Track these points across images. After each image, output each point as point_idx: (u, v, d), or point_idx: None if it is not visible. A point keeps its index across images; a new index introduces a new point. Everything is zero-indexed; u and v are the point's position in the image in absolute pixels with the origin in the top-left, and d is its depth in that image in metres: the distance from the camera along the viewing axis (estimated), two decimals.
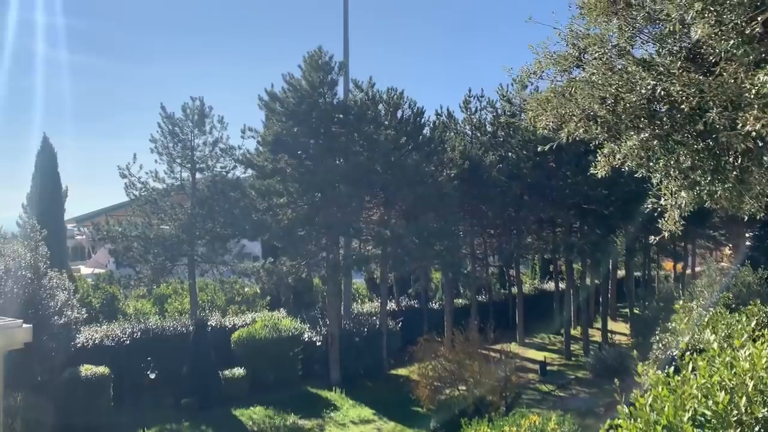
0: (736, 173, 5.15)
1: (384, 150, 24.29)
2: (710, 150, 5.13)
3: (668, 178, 5.77)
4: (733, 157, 5.10)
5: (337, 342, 26.46)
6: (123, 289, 27.12)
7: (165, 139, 26.43)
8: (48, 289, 16.75)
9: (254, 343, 25.36)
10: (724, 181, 5.30)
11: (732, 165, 5.13)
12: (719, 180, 5.31)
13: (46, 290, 16.62)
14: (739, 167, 5.08)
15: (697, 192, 5.65)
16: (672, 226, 6.39)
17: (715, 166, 5.22)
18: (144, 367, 21.73)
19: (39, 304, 16.16)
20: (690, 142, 5.15)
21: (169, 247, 24.76)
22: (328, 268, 23.18)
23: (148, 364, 19.60)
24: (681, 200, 5.86)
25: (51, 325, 16.27)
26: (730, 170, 5.16)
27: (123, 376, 21.82)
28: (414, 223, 24.66)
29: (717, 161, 5.21)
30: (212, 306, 29.92)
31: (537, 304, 43.30)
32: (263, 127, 25.40)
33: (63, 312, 16.85)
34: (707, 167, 5.25)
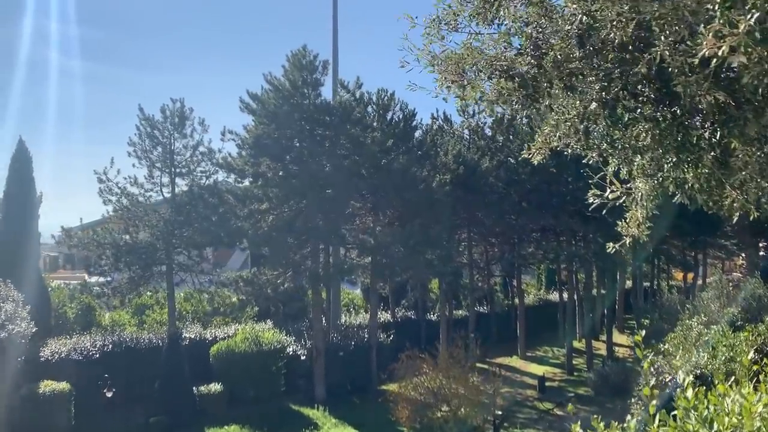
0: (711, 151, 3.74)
1: (370, 153, 22.95)
2: (673, 117, 3.73)
3: (622, 162, 4.38)
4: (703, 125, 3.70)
5: (322, 356, 25.05)
6: (97, 299, 25.86)
7: (143, 142, 25.26)
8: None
9: (233, 357, 24.02)
10: (695, 163, 3.90)
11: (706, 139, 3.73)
12: (688, 162, 3.91)
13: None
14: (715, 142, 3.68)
15: (658, 180, 4.25)
16: (635, 230, 4.99)
17: (681, 142, 3.81)
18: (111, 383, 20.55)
19: None
20: (644, 105, 3.76)
21: (143, 255, 23.51)
22: (309, 277, 21.82)
23: (105, 381, 18.29)
24: (638, 193, 4.47)
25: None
26: (703, 147, 3.76)
27: (89, 392, 20.56)
28: (402, 229, 23.25)
29: (684, 134, 3.80)
30: (196, 317, 28.62)
31: (541, 315, 41.70)
32: (244, 130, 24.16)
33: (5, 326, 15.62)
34: (670, 144, 3.85)
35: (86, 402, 20.32)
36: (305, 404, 24.77)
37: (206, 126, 25.71)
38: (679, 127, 3.75)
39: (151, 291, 26.26)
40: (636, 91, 3.69)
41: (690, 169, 4.00)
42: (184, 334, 25.34)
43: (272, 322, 29.50)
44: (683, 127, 3.76)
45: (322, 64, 24.26)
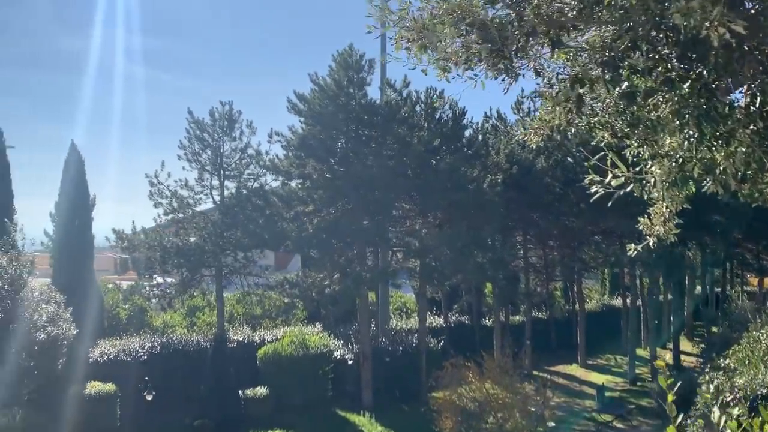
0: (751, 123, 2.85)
1: (416, 153, 22.25)
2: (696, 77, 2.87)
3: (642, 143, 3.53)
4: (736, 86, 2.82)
5: (369, 361, 24.48)
6: (147, 301, 26.18)
7: (193, 145, 25.45)
8: (28, 302, 15.67)
9: (280, 361, 23.74)
10: (725, 138, 3.03)
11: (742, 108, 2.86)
12: (717, 137, 3.05)
13: (25, 303, 15.54)
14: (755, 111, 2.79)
15: (676, 162, 3.38)
16: (660, 228, 4.14)
17: (706, 110, 2.95)
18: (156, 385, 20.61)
19: (17, 319, 15.08)
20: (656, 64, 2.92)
21: (191, 257, 23.59)
22: (354, 280, 21.28)
23: (146, 383, 18.26)
24: (651, 179, 3.62)
25: (31, 341, 15.17)
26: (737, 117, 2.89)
27: (135, 394, 20.67)
28: (450, 232, 22.42)
29: (709, 99, 2.93)
30: (246, 319, 28.60)
31: (603, 321, 39.90)
32: (289, 131, 23.90)
33: (45, 327, 15.74)
34: (691, 114, 3.00)
35: (132, 403, 20.43)
36: (352, 410, 24.24)
37: (254, 128, 25.73)
38: (702, 90, 2.93)
39: (201, 293, 26.37)
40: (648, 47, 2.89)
41: (720, 146, 3.16)
42: (233, 336, 25.29)
43: (321, 325, 29.18)
44: (708, 91, 2.93)
45: (369, 63, 23.75)
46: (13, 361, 14.70)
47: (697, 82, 2.90)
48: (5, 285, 15.09)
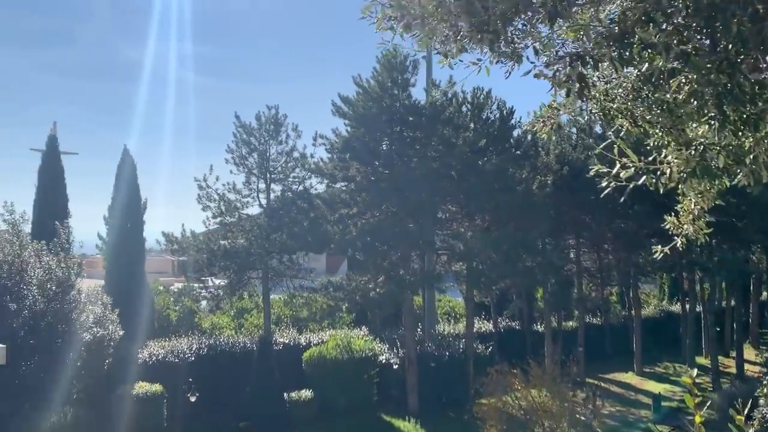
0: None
1: (461, 154, 21.84)
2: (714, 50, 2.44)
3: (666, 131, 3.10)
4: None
5: (414, 366, 24.15)
6: (195, 303, 26.58)
7: (240, 149, 25.70)
8: (75, 303, 16.02)
9: (324, 364, 23.68)
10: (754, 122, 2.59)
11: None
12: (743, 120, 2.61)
13: (73, 304, 15.89)
14: None
15: (696, 150, 2.94)
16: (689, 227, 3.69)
17: (729, 89, 2.52)
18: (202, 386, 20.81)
19: (65, 320, 15.43)
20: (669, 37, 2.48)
21: (237, 260, 23.79)
22: (396, 284, 21.02)
23: (190, 385, 18.43)
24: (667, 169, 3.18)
25: (77, 341, 15.50)
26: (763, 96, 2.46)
27: (183, 395, 20.93)
28: (495, 235, 21.89)
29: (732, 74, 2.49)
30: (294, 322, 28.69)
31: (661, 328, 38.44)
32: (333, 134, 23.85)
33: (91, 328, 16.06)
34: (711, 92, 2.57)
35: (179, 404, 20.69)
36: (397, 415, 23.95)
37: (299, 132, 25.76)
38: (723, 65, 2.52)
39: (248, 295, 26.59)
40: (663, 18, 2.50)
41: (747, 131, 2.73)
42: (278, 338, 25.39)
43: (368, 329, 29.02)
44: (731, 66, 2.52)
45: (413, 64, 23.49)
46: (61, 361, 15.04)
47: (717, 55, 2.51)
48: (53, 287, 15.48)
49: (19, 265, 15.18)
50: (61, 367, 14.97)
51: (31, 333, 14.55)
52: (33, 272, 15.29)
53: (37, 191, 23.74)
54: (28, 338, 14.45)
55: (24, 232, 16.01)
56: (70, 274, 16.13)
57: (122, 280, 24.78)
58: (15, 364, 14.13)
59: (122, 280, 24.78)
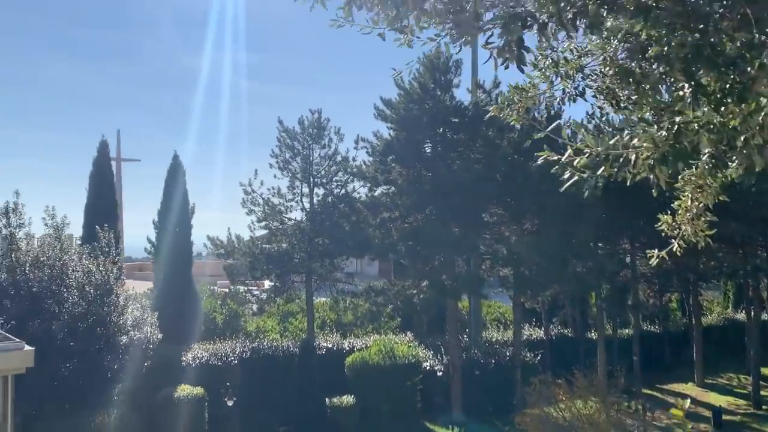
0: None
1: (505, 155, 21.20)
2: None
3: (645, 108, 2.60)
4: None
5: (459, 373, 23.60)
6: (239, 306, 26.76)
7: (284, 153, 25.78)
8: (114, 306, 16.23)
9: (366, 370, 23.37)
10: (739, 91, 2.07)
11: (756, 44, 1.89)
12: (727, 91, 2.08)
13: (111, 308, 16.11)
14: None
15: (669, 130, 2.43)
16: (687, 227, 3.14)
17: (698, 47, 1.98)
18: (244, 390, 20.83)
19: (104, 323, 15.64)
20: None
21: (281, 264, 23.82)
22: (436, 289, 20.54)
23: (227, 389, 18.42)
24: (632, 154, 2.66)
25: (114, 344, 15.68)
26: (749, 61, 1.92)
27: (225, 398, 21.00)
28: (541, 239, 21.11)
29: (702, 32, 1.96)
30: (339, 326, 28.54)
31: (725, 337, 36.44)
32: (374, 137, 23.59)
33: (129, 331, 16.24)
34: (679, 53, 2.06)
35: (221, 408, 20.76)
36: (441, 424, 23.43)
37: (342, 135, 25.69)
38: (692, 19, 2.02)
39: (292, 299, 26.59)
40: None
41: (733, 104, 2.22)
42: (321, 343, 25.26)
43: (413, 334, 28.59)
44: (701, 20, 2.02)
45: (455, 64, 23.01)
46: (99, 364, 15.25)
47: (684, 6, 2.02)
48: (92, 290, 15.74)
49: (59, 268, 15.51)
50: (100, 369, 15.18)
51: (70, 335, 14.81)
52: (73, 275, 15.60)
53: (88, 196, 24.39)
54: (67, 341, 14.71)
55: (65, 236, 16.37)
56: (109, 277, 16.39)
57: (170, 284, 25.21)
58: (54, 366, 14.42)
59: (170, 284, 25.21)
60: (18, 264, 15.18)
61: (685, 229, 3.57)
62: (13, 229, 15.76)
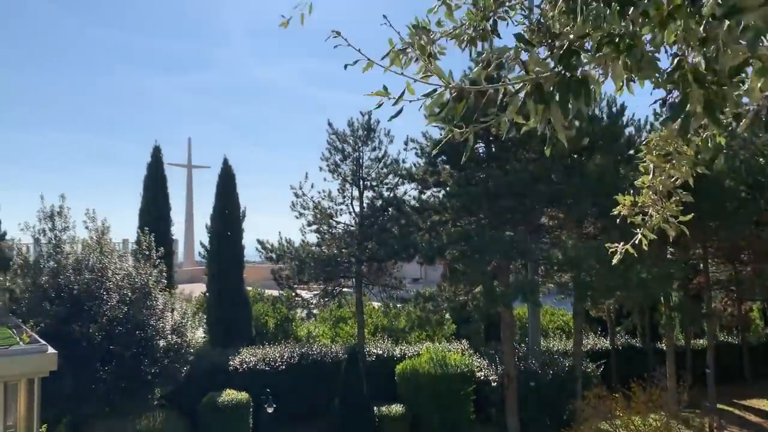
0: None
1: (560, 155, 20.02)
2: None
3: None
4: None
5: (514, 384, 22.46)
6: (291, 311, 26.52)
7: (333, 156, 25.41)
8: (152, 310, 16.13)
9: (417, 378, 22.61)
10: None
11: None
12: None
13: (150, 311, 16.02)
14: None
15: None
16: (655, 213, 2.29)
17: None
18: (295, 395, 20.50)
19: (142, 327, 15.55)
20: None
21: (329, 268, 23.39)
22: (485, 296, 19.55)
23: (267, 396, 18.05)
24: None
25: (152, 347, 15.56)
26: None
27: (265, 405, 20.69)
28: (600, 243, 19.74)
29: None
30: (391, 332, 27.90)
31: None
32: (423, 137, 22.84)
33: (167, 335, 16.10)
34: None
35: (267, 413, 20.45)
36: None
37: (392, 137, 25.07)
38: None
39: (342, 304, 26.16)
40: None
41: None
42: (371, 349, 24.68)
43: (468, 342, 27.62)
44: None
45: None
46: (137, 367, 15.18)
47: None
48: (130, 293, 15.71)
49: (99, 271, 15.56)
50: (138, 373, 15.10)
51: (108, 338, 14.79)
52: (114, 278, 15.63)
53: (142, 201, 24.73)
54: (105, 344, 14.71)
55: (106, 239, 16.45)
56: (148, 281, 16.35)
57: (221, 288, 25.28)
58: (92, 368, 14.41)
59: (221, 288, 25.28)
60: (61, 267, 15.32)
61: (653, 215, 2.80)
62: (58, 232, 15.96)
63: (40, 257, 15.72)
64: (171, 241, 25.49)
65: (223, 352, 22.28)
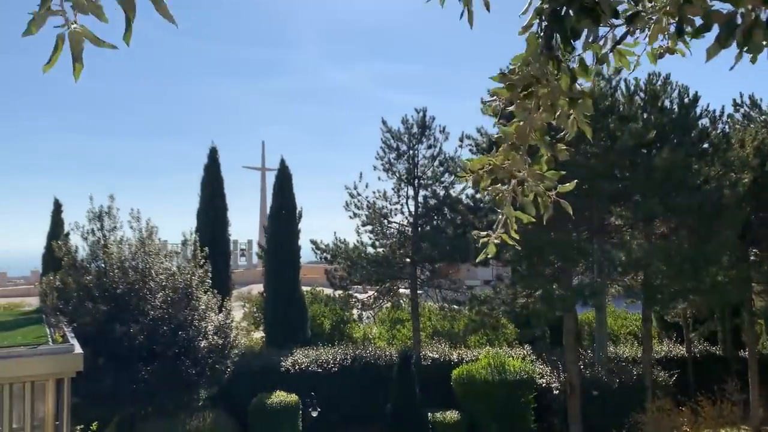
0: None
1: (624, 149, 18.69)
2: None
3: None
4: None
5: (577, 392, 21.23)
6: (346, 312, 26.16)
7: (388, 155, 24.90)
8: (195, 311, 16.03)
9: (473, 384, 21.73)
10: None
11: None
12: None
13: (193, 312, 15.93)
14: None
15: None
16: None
17: None
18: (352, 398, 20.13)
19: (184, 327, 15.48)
20: None
21: (382, 269, 22.89)
22: (542, 299, 18.46)
23: (312, 399, 17.66)
24: None
25: (194, 348, 15.46)
26: None
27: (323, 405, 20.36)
28: (669, 244, 18.31)
29: None
30: (449, 336, 27.07)
31: None
32: (477, 132, 21.93)
33: (208, 336, 15.96)
34: None
35: (318, 416, 20.12)
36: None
37: (447, 134, 24.35)
38: None
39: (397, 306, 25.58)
40: None
41: None
42: (427, 353, 23.97)
43: (531, 347, 26.43)
44: None
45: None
46: (179, 368, 15.12)
47: None
48: (171, 294, 15.68)
49: (142, 272, 15.63)
50: (181, 373, 15.04)
51: (150, 338, 14.81)
52: (158, 278, 15.67)
53: (200, 201, 24.97)
54: (147, 343, 14.73)
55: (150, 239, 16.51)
56: (192, 281, 16.31)
57: (277, 288, 25.23)
58: (134, 368, 14.45)
59: (277, 288, 25.23)
60: (107, 266, 15.49)
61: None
62: (107, 232, 16.16)
63: (87, 257, 15.98)
64: (227, 241, 25.64)
65: (276, 353, 22.16)
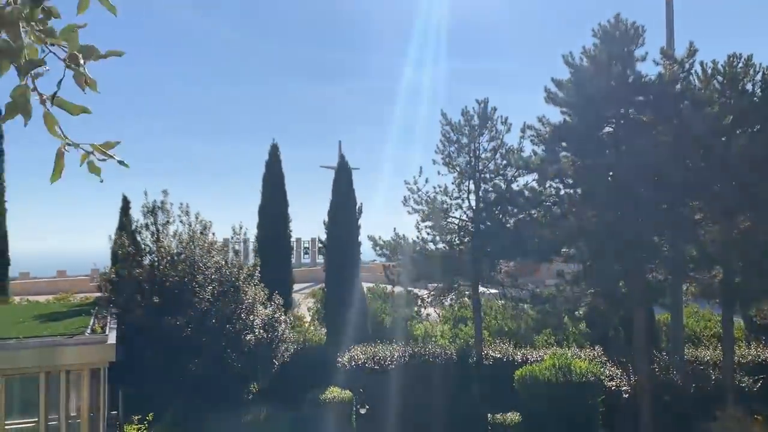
0: None
1: (698, 136, 17.31)
2: None
3: None
4: None
5: (648, 397, 19.96)
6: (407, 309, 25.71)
7: (447, 148, 24.26)
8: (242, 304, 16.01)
9: (536, 386, 20.76)
10: None
11: None
12: None
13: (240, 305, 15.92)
14: None
15: None
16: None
17: None
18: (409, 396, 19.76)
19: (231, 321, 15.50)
20: None
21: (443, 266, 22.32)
22: (605, 299, 17.34)
23: (361, 396, 17.32)
24: None
25: (240, 341, 15.44)
26: None
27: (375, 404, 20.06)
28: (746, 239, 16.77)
29: None
30: (512, 335, 26.15)
31: None
32: (540, 123, 20.93)
33: (255, 330, 15.90)
34: None
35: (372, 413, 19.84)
36: None
37: (509, 125, 23.45)
38: None
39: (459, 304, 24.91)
40: None
41: None
42: (489, 352, 23.19)
43: (602, 348, 25.11)
44: None
45: (636, 32, 19.54)
46: (226, 362, 15.16)
47: None
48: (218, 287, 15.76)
49: (190, 266, 15.79)
50: (227, 366, 15.08)
51: (198, 331, 14.92)
52: (207, 272, 15.80)
53: (261, 198, 25.21)
54: (195, 336, 14.85)
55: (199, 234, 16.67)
56: (239, 275, 16.34)
57: (336, 285, 25.15)
58: (182, 361, 14.59)
59: (336, 285, 25.15)
60: (159, 259, 15.75)
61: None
62: (160, 226, 16.45)
63: (139, 250, 16.31)
64: (288, 237, 25.77)
65: (334, 349, 22.04)
